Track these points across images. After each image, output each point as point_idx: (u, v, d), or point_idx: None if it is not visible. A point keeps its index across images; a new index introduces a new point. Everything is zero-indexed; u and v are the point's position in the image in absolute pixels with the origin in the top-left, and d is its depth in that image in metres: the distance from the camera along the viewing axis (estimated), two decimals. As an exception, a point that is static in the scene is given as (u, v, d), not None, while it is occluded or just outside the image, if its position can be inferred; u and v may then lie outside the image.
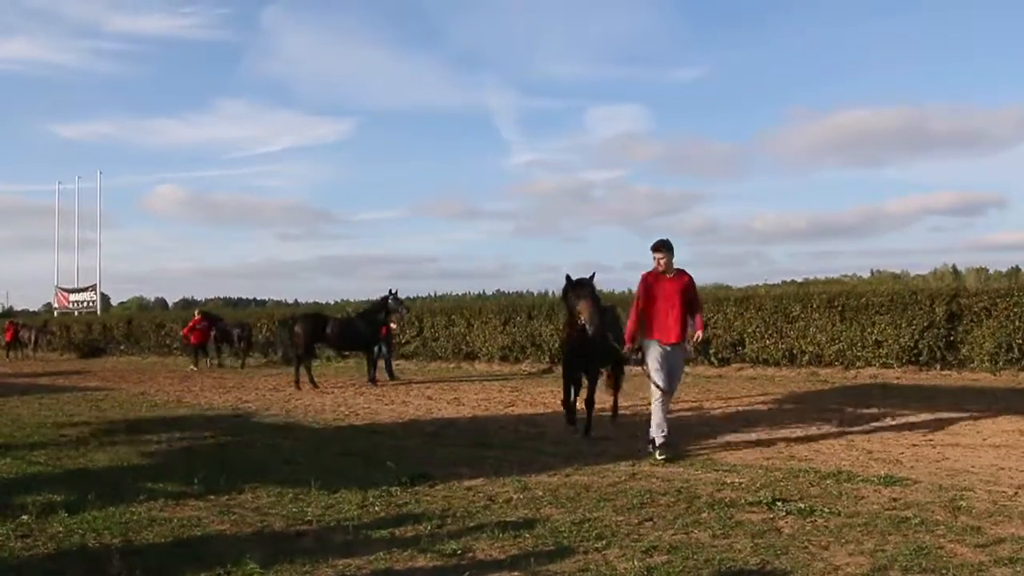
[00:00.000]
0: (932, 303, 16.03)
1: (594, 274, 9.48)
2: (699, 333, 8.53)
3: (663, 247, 8.26)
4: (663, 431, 8.04)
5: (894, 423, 10.06)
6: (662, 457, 7.84)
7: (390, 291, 17.90)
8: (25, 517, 6.03)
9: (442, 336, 22.29)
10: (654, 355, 8.26)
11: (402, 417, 11.96)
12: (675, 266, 8.39)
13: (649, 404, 8.52)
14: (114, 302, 60.19)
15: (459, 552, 5.09)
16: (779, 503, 6.05)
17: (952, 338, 15.92)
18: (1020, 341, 15.10)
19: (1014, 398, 12.46)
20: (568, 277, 9.47)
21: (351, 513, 6.13)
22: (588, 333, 8.95)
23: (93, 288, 45.51)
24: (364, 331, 17.60)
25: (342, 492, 6.73)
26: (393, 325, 18.65)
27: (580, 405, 9.90)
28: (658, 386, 8.12)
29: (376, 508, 6.28)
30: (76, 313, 43.93)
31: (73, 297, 46.26)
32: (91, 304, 44.93)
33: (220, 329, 24.99)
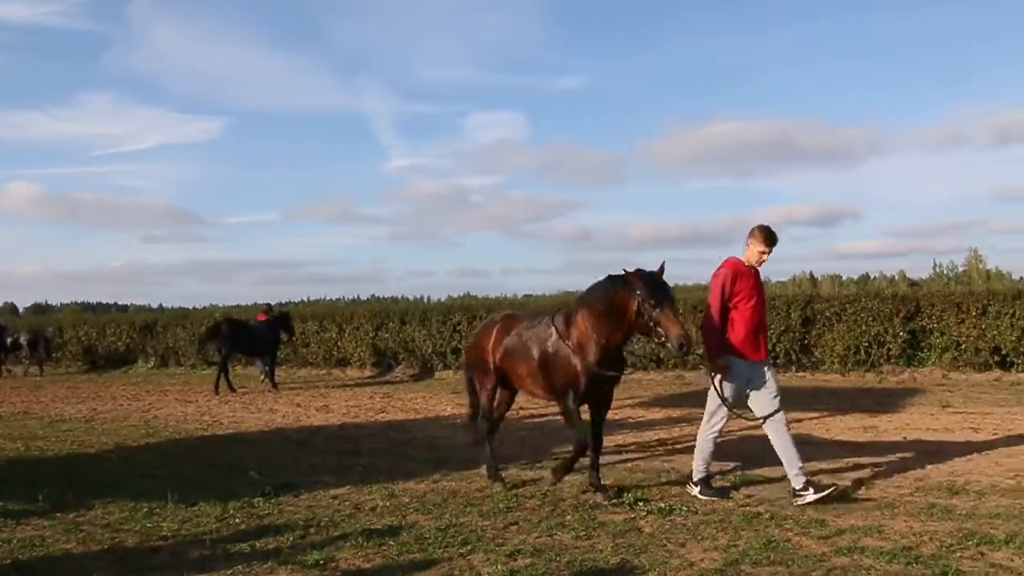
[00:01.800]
0: (788, 308, 16.83)
1: (663, 265, 6.41)
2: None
3: (774, 240, 6.51)
4: (708, 466, 6.58)
5: (749, 423, 10.47)
6: (708, 496, 6.37)
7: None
8: None
9: (313, 342, 21.84)
10: (737, 378, 6.46)
11: (268, 426, 11.64)
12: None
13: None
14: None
15: (322, 562, 5.00)
16: (641, 503, 6.22)
17: (806, 341, 16.77)
18: (866, 344, 16.06)
19: (860, 397, 13.22)
20: (611, 276, 6.57)
21: (210, 526, 5.92)
22: (679, 352, 6.15)
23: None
24: (268, 337, 17.91)
25: (201, 505, 6.50)
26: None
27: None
28: (715, 424, 6.57)
29: (236, 520, 6.09)
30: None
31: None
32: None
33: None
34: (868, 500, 6.23)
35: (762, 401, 6.43)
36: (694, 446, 6.69)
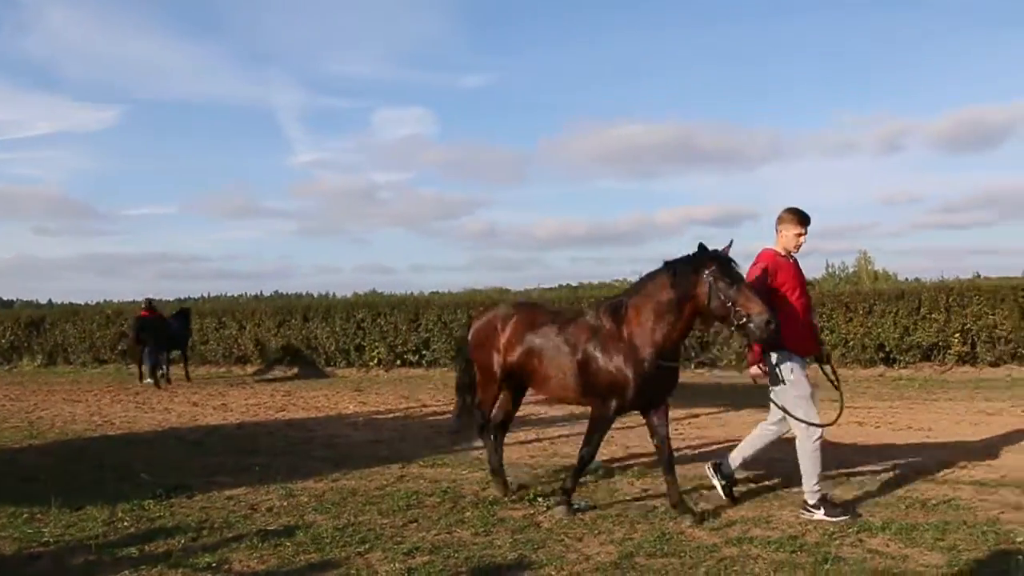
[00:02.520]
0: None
1: (731, 243, 5.77)
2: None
3: (807, 219, 6.08)
4: (819, 484, 5.81)
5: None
6: (844, 518, 5.60)
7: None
8: None
9: (212, 339, 21.26)
10: (800, 377, 5.90)
11: (163, 425, 11.27)
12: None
13: None
14: None
15: (214, 565, 4.88)
16: (540, 499, 6.28)
17: (705, 339, 17.22)
18: (761, 341, 16.61)
19: (756, 393, 13.57)
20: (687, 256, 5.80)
21: (96, 531, 5.70)
22: (764, 331, 5.41)
23: None
24: (181, 333, 18.33)
25: (87, 509, 6.24)
26: None
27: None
28: (815, 424, 5.85)
29: (125, 524, 5.88)
30: None
31: None
32: None
33: None
34: (759, 491, 6.45)
35: (783, 397, 5.93)
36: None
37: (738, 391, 14.06)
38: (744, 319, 5.44)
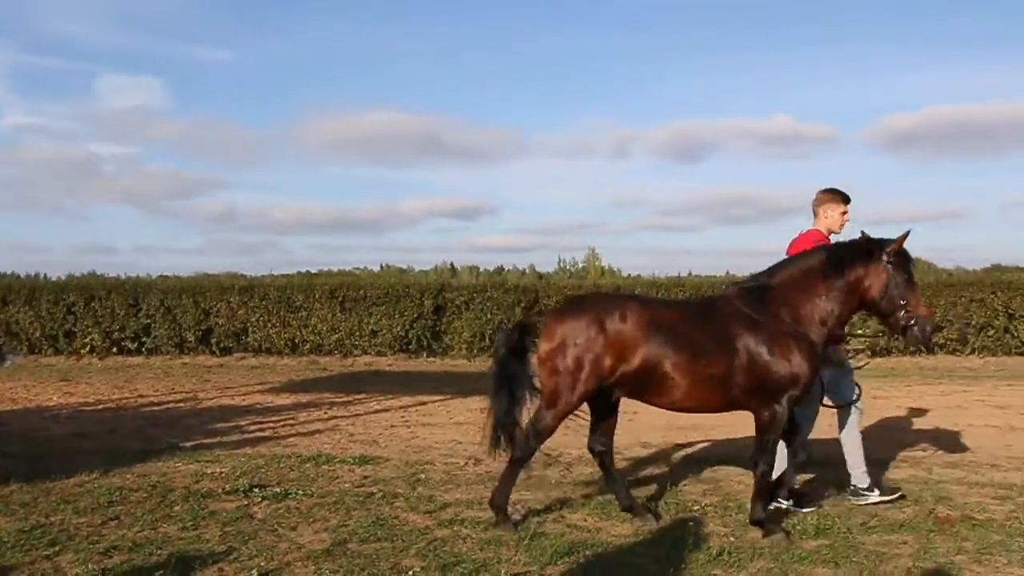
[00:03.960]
0: (422, 296, 17.54)
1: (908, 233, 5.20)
2: None
3: (849, 198, 5.93)
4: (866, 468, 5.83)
5: (379, 407, 10.81)
6: (897, 495, 5.74)
7: None
8: None
9: None
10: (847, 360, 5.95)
11: None
12: None
13: None
14: None
15: None
16: (256, 489, 6.13)
17: (438, 328, 17.61)
18: (491, 331, 17.24)
19: (483, 381, 14.08)
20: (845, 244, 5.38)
21: None
22: (924, 340, 5.17)
23: None
24: None
25: None
26: None
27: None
28: (857, 405, 5.82)
29: None
30: None
31: None
32: None
33: None
34: (476, 475, 6.70)
35: (841, 383, 5.82)
36: (319, 430, 6.73)
37: (466, 378, 14.52)
38: (912, 321, 5.09)
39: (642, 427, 8.80)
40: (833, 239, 5.81)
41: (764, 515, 5.13)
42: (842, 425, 5.84)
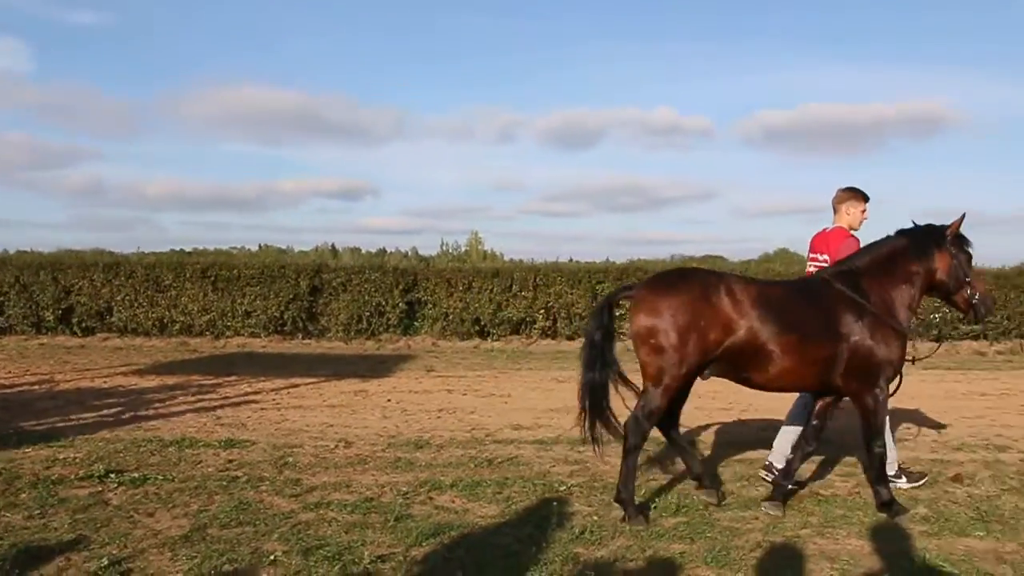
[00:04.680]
0: (298, 277, 17.16)
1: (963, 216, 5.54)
2: None
3: (868, 196, 6.18)
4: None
5: (250, 389, 10.53)
6: (924, 480, 6.02)
7: None
8: None
9: None
10: None
11: None
12: None
13: None
14: None
15: None
16: (112, 475, 5.88)
17: (314, 310, 17.27)
18: (368, 313, 17.06)
19: (359, 363, 14.01)
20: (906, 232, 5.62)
21: None
22: (985, 314, 5.56)
23: None
24: None
25: None
26: None
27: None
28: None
29: None
30: None
31: None
32: None
33: None
34: (345, 458, 6.63)
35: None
36: (184, 412, 6.52)
37: (341, 360, 14.34)
38: (976, 298, 5.47)
39: (514, 410, 8.91)
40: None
41: (890, 496, 5.35)
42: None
